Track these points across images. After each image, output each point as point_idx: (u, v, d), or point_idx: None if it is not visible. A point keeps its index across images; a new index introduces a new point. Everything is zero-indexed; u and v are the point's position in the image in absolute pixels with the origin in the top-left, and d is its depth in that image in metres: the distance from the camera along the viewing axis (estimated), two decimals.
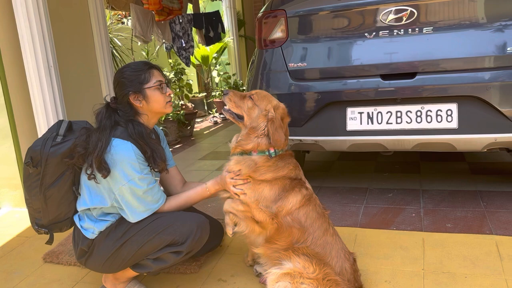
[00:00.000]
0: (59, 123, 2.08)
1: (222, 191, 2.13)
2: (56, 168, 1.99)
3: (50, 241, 2.18)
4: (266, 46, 2.96)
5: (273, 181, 2.01)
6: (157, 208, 2.04)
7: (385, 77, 2.62)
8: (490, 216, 2.72)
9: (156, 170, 2.06)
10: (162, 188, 2.33)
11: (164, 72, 5.86)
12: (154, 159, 2.02)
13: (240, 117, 2.09)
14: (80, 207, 2.08)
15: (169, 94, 2.12)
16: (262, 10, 3.02)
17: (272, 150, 2.05)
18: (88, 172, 1.95)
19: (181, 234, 1.98)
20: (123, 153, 1.93)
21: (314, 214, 1.98)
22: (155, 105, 2.07)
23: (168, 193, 2.34)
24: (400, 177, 3.55)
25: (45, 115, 3.17)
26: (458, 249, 2.36)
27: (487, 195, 3.03)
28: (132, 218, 2.00)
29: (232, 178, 2.04)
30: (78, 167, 2.04)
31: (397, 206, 2.99)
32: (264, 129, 2.03)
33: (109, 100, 2.10)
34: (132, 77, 2.03)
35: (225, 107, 2.13)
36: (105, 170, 1.90)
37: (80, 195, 2.07)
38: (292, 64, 2.82)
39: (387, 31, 2.60)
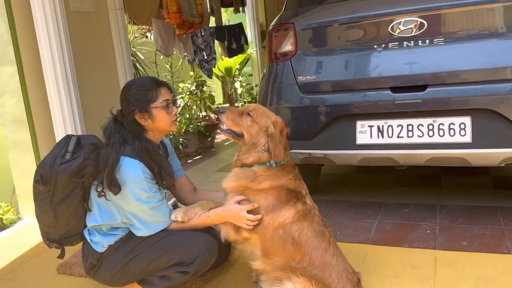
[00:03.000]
0: (67, 138, 2.13)
1: None
2: (66, 185, 2.03)
3: (61, 256, 2.23)
4: (277, 59, 2.95)
5: (269, 190, 2.00)
6: (165, 226, 2.05)
7: (395, 89, 2.56)
8: (509, 234, 2.59)
9: (163, 186, 2.07)
10: (174, 199, 2.36)
11: (186, 85, 5.92)
12: (161, 176, 2.04)
13: (239, 135, 2.08)
14: (90, 223, 2.11)
15: (175, 113, 2.12)
16: (272, 24, 3.03)
17: (272, 161, 2.05)
18: (99, 189, 1.97)
19: (189, 254, 1.99)
20: (131, 173, 1.95)
21: (309, 232, 1.94)
22: (160, 124, 2.07)
23: (180, 202, 2.37)
24: (419, 192, 3.44)
25: (64, 130, 3.26)
26: (471, 269, 2.26)
27: (508, 212, 2.89)
28: (141, 234, 2.03)
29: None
30: (88, 184, 2.07)
31: (412, 222, 2.89)
32: (264, 145, 2.02)
33: (115, 113, 2.12)
34: (138, 96, 2.03)
35: (222, 127, 2.11)
36: (116, 188, 1.93)
37: (90, 211, 2.11)
38: (301, 77, 2.80)
39: (397, 43, 2.54)
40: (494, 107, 2.36)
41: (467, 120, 2.43)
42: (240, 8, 7.22)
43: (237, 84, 7.74)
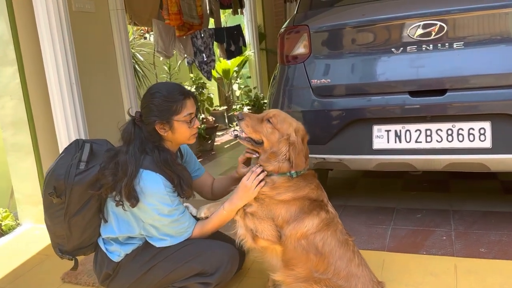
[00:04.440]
0: (77, 144, 2.02)
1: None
2: (81, 197, 1.93)
3: (75, 267, 2.13)
4: (289, 62, 2.89)
5: (291, 202, 1.92)
6: (187, 237, 1.98)
7: (413, 93, 2.51)
8: None
9: (182, 196, 1.99)
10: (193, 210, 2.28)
11: (185, 86, 5.85)
12: (181, 187, 1.96)
13: (259, 142, 2.00)
14: (106, 234, 2.02)
15: (196, 126, 2.02)
16: (284, 26, 2.96)
17: (293, 171, 1.96)
18: (117, 199, 1.89)
19: (211, 264, 1.91)
20: (153, 188, 1.86)
21: (333, 241, 1.87)
22: (179, 136, 1.99)
23: (202, 196, 2.33)
24: (429, 196, 3.40)
25: (66, 132, 3.16)
26: (493, 277, 2.21)
27: None
28: (161, 245, 1.96)
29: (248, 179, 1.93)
30: (105, 196, 1.98)
31: (426, 228, 2.84)
32: (285, 154, 1.94)
33: (133, 114, 2.00)
34: (162, 107, 1.91)
35: (239, 134, 2.03)
36: (134, 199, 1.84)
37: (107, 221, 2.01)
38: (315, 81, 2.74)
39: (415, 46, 2.49)
40: None
41: (487, 125, 2.40)
42: (239, 10, 7.15)
43: (235, 86, 7.68)
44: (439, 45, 2.44)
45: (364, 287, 1.83)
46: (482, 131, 2.41)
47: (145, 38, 6.45)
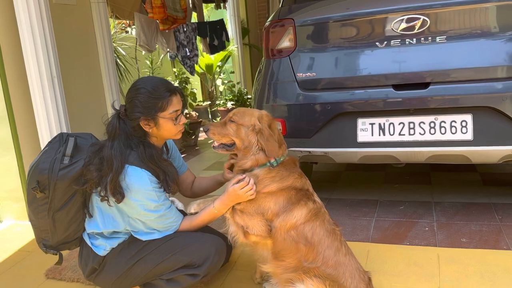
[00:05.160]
0: (61, 138, 1.98)
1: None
2: (65, 191, 1.90)
3: (59, 262, 2.10)
4: (274, 56, 2.89)
5: (278, 193, 1.94)
6: (174, 230, 1.98)
7: (397, 87, 2.55)
8: (506, 230, 2.62)
9: (168, 192, 1.97)
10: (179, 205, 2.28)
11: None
12: (167, 182, 1.94)
13: (231, 145, 2.03)
14: (91, 229, 1.99)
15: (182, 123, 2.00)
16: (269, 19, 2.96)
17: (272, 160, 1.99)
18: (102, 194, 1.86)
19: (198, 256, 1.91)
20: (138, 184, 1.84)
21: (322, 231, 1.89)
22: (165, 133, 1.96)
23: (182, 193, 2.33)
24: (411, 189, 3.46)
25: (47, 126, 3.11)
26: (475, 266, 2.27)
27: (501, 208, 2.94)
28: (148, 238, 1.95)
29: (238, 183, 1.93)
30: (90, 191, 1.95)
31: (409, 219, 2.90)
32: (257, 145, 1.97)
33: (117, 108, 1.96)
34: (147, 103, 1.87)
35: (213, 145, 2.08)
36: (120, 195, 1.82)
37: (92, 217, 1.99)
38: (301, 74, 2.75)
39: (399, 40, 2.53)
40: (495, 105, 2.38)
41: (468, 117, 2.45)
42: (221, 4, 7.12)
43: (218, 81, 7.64)
44: (422, 39, 2.48)
45: (351, 275, 1.85)
46: (464, 124, 2.46)
47: (127, 32, 6.37)
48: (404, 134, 2.56)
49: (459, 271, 2.24)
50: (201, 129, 6.53)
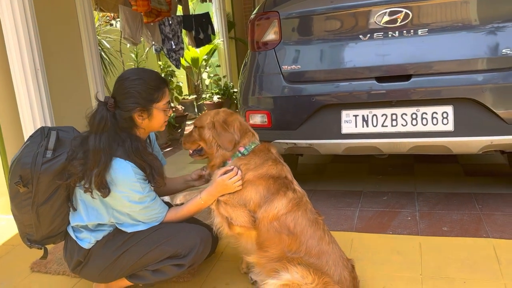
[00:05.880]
0: (42, 131, 1.95)
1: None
2: (49, 186, 1.88)
3: (44, 256, 2.09)
4: (259, 48, 2.91)
5: (256, 181, 1.97)
6: (159, 221, 1.99)
7: (380, 79, 2.59)
8: (486, 219, 2.70)
9: (153, 186, 1.97)
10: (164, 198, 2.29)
11: None
12: (153, 176, 1.94)
13: (200, 149, 2.15)
14: (75, 222, 1.98)
15: (170, 114, 2.05)
16: (254, 12, 2.97)
17: (242, 149, 2.04)
18: (86, 186, 1.84)
19: (184, 246, 1.92)
20: (123, 175, 1.84)
21: (304, 221, 1.92)
22: (155, 123, 1.98)
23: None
24: (394, 180, 3.52)
25: (31, 120, 3.08)
26: (455, 253, 2.33)
27: (482, 198, 3.02)
28: (133, 230, 1.95)
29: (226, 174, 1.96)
30: (73, 185, 1.93)
31: (392, 209, 2.95)
32: (215, 141, 2.06)
33: (102, 100, 1.91)
34: (145, 94, 1.87)
35: (190, 153, 2.21)
36: (106, 189, 1.82)
37: (76, 209, 1.98)
38: (286, 67, 2.78)
39: (382, 33, 2.56)
40: (475, 96, 2.44)
41: (449, 109, 2.50)
42: None
43: (204, 75, 7.62)
44: (405, 32, 2.52)
45: (335, 263, 1.89)
46: (445, 115, 2.51)
47: (111, 24, 6.31)
48: (386, 126, 2.61)
49: (440, 258, 2.30)
50: (187, 122, 6.53)
